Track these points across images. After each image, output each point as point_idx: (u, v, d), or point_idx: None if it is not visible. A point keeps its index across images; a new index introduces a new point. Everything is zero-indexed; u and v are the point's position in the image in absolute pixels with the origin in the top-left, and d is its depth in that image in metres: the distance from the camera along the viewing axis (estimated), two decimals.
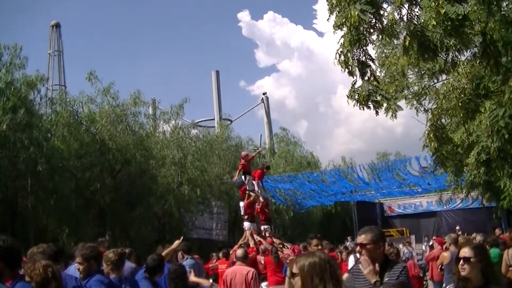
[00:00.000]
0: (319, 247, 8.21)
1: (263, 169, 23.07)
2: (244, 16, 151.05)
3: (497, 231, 21.31)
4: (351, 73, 9.17)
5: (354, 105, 9.40)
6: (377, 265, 4.91)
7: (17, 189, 24.70)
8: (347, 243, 27.64)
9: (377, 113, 9.69)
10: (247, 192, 21.46)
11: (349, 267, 12.99)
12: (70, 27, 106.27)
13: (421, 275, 18.12)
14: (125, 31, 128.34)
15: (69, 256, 9.48)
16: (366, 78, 9.20)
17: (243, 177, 22.36)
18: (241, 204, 21.59)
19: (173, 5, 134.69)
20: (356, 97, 9.27)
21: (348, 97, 9.49)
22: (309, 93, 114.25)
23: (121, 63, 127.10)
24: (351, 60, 8.99)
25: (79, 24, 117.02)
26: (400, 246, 22.92)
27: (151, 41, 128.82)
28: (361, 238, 5.08)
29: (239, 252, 10.53)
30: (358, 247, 5.12)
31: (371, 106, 9.34)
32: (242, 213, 21.36)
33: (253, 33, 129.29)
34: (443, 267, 11.96)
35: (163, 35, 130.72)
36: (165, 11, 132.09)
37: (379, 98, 9.23)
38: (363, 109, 9.38)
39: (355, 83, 9.42)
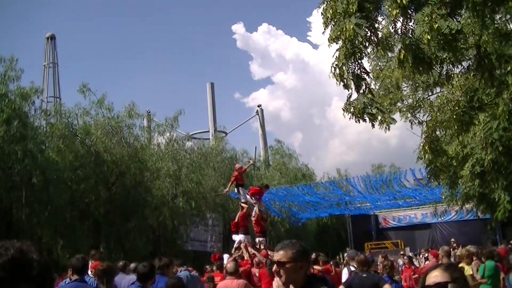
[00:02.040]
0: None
1: (261, 188, 22.86)
2: (238, 28, 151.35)
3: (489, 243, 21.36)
4: (346, 86, 9.21)
5: (349, 118, 9.44)
6: None
7: (11, 200, 24.64)
8: (346, 254, 27.56)
9: (373, 125, 9.73)
10: (241, 204, 21.44)
11: (343, 279, 12.97)
12: (65, 39, 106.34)
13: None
14: (120, 44, 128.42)
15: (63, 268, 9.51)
16: (361, 91, 9.25)
17: (236, 189, 22.34)
18: (234, 237, 21.33)
19: (167, 17, 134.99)
20: (352, 110, 9.31)
21: (343, 110, 9.53)
22: (304, 105, 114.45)
23: (116, 75, 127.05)
24: (346, 74, 9.03)
25: (74, 37, 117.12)
26: (400, 261, 22.90)
27: (146, 53, 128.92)
28: (279, 255, 4.12)
29: (229, 266, 10.61)
30: (275, 266, 4.13)
31: (367, 119, 9.37)
32: (236, 245, 21.03)
33: (247, 45, 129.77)
34: None
35: (158, 47, 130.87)
36: (160, 23, 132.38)
37: (374, 111, 9.27)
38: (359, 122, 9.42)
39: (350, 96, 9.46)
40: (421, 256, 25.74)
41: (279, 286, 4.24)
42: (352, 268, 12.71)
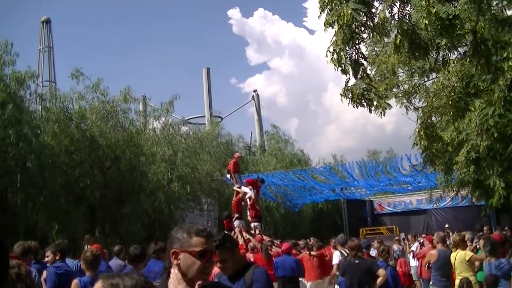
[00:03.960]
0: None
1: (257, 182, 22.81)
2: (234, 13, 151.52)
3: (485, 230, 21.44)
4: (344, 72, 9.17)
5: (348, 104, 9.41)
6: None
7: (6, 185, 24.59)
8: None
9: (370, 111, 9.72)
10: (235, 190, 21.47)
11: (335, 262, 13.03)
12: (61, 23, 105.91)
13: (411, 273, 18.24)
14: (116, 28, 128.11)
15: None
16: (359, 76, 9.22)
17: (228, 176, 22.40)
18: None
19: (164, 2, 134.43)
20: (350, 95, 9.28)
21: (341, 95, 9.50)
22: (300, 90, 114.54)
23: (112, 59, 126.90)
24: (344, 59, 8.98)
25: (69, 20, 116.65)
26: (395, 246, 23.01)
27: (142, 38, 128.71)
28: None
29: None
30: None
31: (365, 104, 9.36)
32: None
33: (244, 31, 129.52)
34: (430, 265, 12.00)
35: (154, 32, 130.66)
36: (156, 8, 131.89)
37: (372, 95, 9.25)
38: (357, 107, 9.40)
39: (348, 81, 9.43)
40: (408, 241, 25.68)
41: (179, 280, 3.20)
42: (344, 252, 12.78)
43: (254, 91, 66.37)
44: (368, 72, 10.18)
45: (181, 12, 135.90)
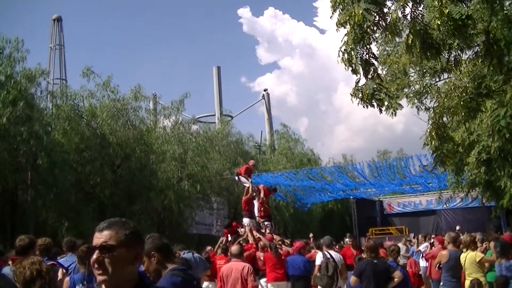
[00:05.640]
0: None
1: (270, 190, 22.80)
2: (244, 12, 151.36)
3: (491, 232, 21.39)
4: (354, 72, 9.15)
5: (358, 104, 9.40)
6: None
7: (17, 182, 24.68)
8: (346, 240, 27.57)
9: (380, 111, 9.70)
10: (245, 189, 21.43)
11: (318, 263, 12.99)
12: (72, 21, 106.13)
13: (421, 273, 18.18)
14: (127, 26, 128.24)
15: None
16: (369, 76, 9.20)
17: (236, 178, 22.42)
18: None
19: (174, 0, 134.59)
20: (360, 95, 9.26)
21: (351, 95, 9.49)
22: (310, 90, 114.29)
23: (123, 58, 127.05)
24: (355, 59, 8.97)
25: (80, 18, 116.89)
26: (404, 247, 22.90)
27: (152, 37, 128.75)
28: (104, 235, 2.80)
29: (234, 248, 10.69)
30: (95, 254, 2.72)
31: (375, 104, 9.33)
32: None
33: (254, 30, 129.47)
34: (441, 266, 11.96)
35: (164, 30, 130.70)
36: (166, 6, 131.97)
37: (382, 95, 9.22)
38: (367, 108, 9.38)
39: (358, 81, 9.42)
40: (413, 241, 25.60)
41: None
42: (327, 254, 12.76)
43: (264, 90, 66.30)
44: (380, 72, 10.18)
45: (191, 11, 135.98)
